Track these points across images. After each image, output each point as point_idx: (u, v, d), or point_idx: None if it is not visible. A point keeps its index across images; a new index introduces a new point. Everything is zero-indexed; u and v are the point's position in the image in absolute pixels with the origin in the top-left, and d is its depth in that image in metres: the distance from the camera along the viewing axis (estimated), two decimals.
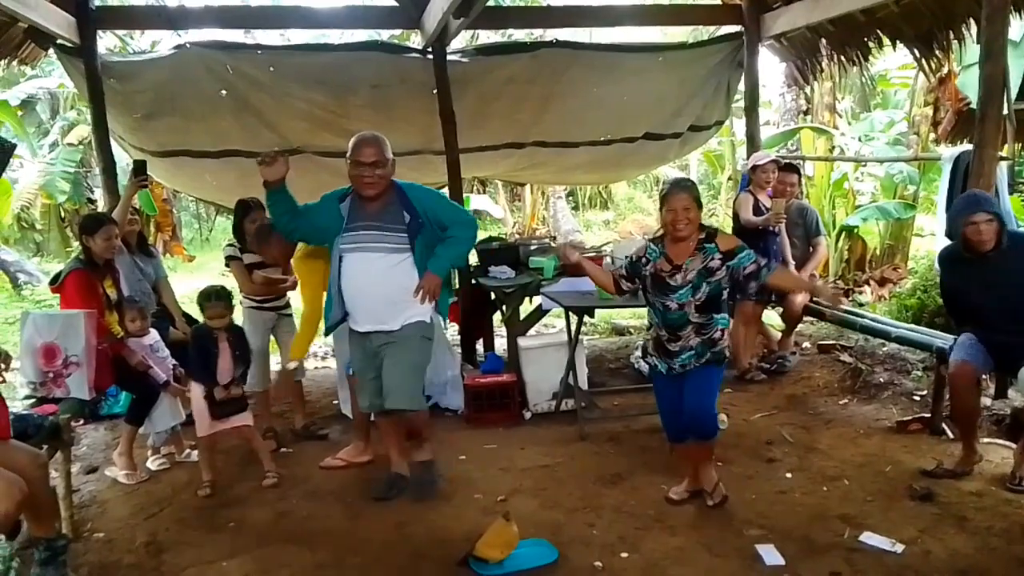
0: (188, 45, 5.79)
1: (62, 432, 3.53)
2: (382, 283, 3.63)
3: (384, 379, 3.73)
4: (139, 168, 4.81)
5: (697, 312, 3.37)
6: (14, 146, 4.85)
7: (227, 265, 4.72)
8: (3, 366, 2.93)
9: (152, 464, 4.40)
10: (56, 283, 4.20)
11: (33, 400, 3.85)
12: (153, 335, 4.34)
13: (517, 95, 6.31)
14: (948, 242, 5.30)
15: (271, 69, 5.84)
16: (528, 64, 6.17)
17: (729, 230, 5.32)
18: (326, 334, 4.15)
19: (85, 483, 4.21)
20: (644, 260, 3.50)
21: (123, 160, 6.68)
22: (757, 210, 5.38)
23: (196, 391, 4.01)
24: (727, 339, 3.47)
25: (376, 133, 3.72)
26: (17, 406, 3.74)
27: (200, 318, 4.21)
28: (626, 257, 3.73)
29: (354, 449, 4.35)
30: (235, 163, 6.14)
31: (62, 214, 13.51)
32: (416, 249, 3.64)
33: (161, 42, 10.32)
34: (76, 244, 12.85)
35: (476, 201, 13.19)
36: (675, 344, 3.43)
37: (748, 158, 6.03)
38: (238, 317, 4.31)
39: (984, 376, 3.93)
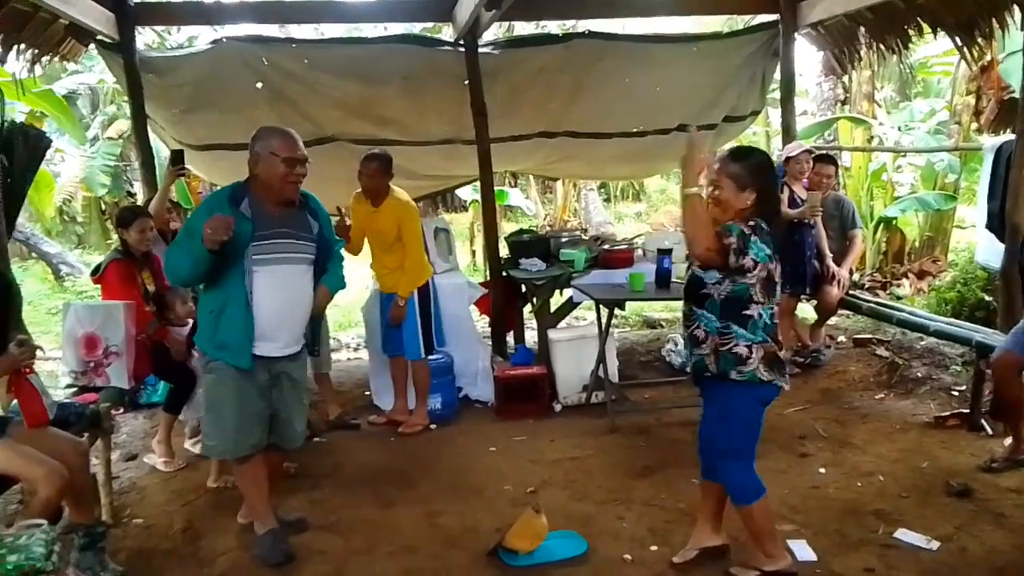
0: (224, 40, 5.86)
1: (102, 420, 3.62)
2: (302, 300, 3.22)
3: (291, 416, 3.32)
4: (176, 157, 4.89)
5: None
6: (50, 141, 4.97)
7: None
8: (32, 357, 3.00)
9: (194, 447, 4.46)
10: (97, 274, 4.34)
11: (74, 389, 3.94)
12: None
13: (548, 84, 6.28)
14: (988, 234, 5.21)
15: (305, 62, 5.89)
16: (560, 54, 6.13)
17: None
18: (230, 362, 3.15)
19: (124, 470, 4.31)
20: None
21: (162, 154, 6.79)
22: (792, 202, 5.31)
23: None
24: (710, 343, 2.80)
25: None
26: (59, 394, 3.84)
27: None
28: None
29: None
30: None
31: (102, 207, 13.78)
32: (317, 263, 3.27)
33: (199, 37, 10.48)
34: (115, 236, 13.14)
35: (513, 196, 13.11)
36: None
37: (783, 149, 5.94)
38: None
39: None
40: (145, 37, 9.44)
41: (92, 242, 13.71)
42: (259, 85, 5.87)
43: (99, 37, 5.43)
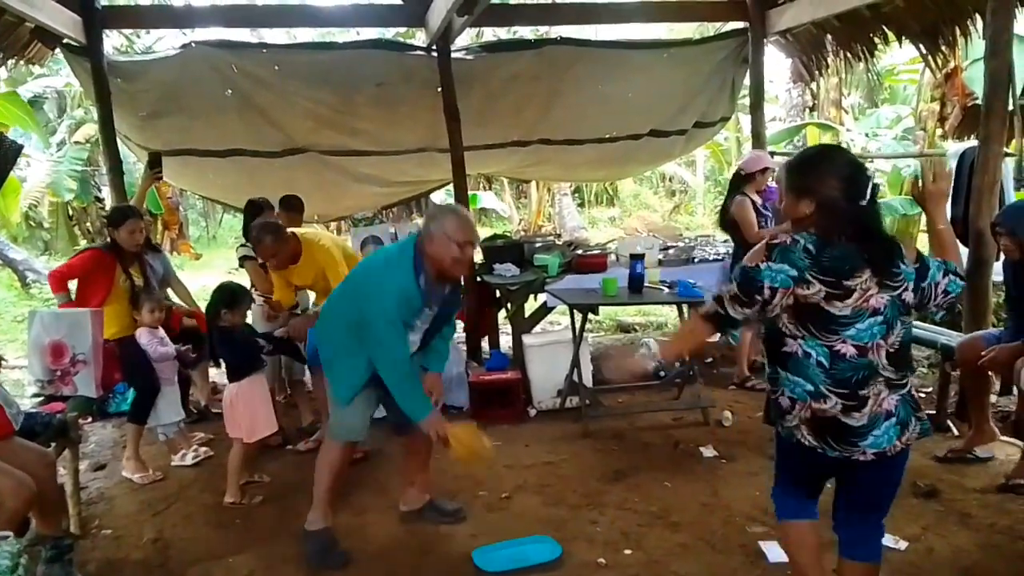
0: (193, 44, 5.82)
1: (70, 430, 3.55)
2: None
3: None
4: (154, 161, 4.84)
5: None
6: (21, 147, 4.89)
7: (241, 266, 4.74)
8: None
9: (181, 461, 4.40)
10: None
11: (41, 398, 3.88)
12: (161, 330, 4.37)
13: (522, 92, 6.31)
14: None
15: (276, 68, 5.86)
16: (533, 61, 6.17)
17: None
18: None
19: (93, 480, 4.24)
20: None
21: (130, 159, 6.71)
22: (756, 211, 5.25)
23: (250, 392, 3.89)
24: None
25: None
26: (26, 404, 3.77)
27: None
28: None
29: None
30: (240, 162, 6.18)
31: (70, 212, 13.57)
32: (435, 325, 3.27)
33: (164, 39, 10.36)
34: (84, 242, 12.93)
35: (484, 199, 13.17)
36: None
37: (743, 161, 5.79)
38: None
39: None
40: (113, 41, 9.32)
41: (59, 248, 13.50)
42: (228, 92, 5.83)
43: (66, 41, 5.37)
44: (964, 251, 4.67)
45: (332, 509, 3.39)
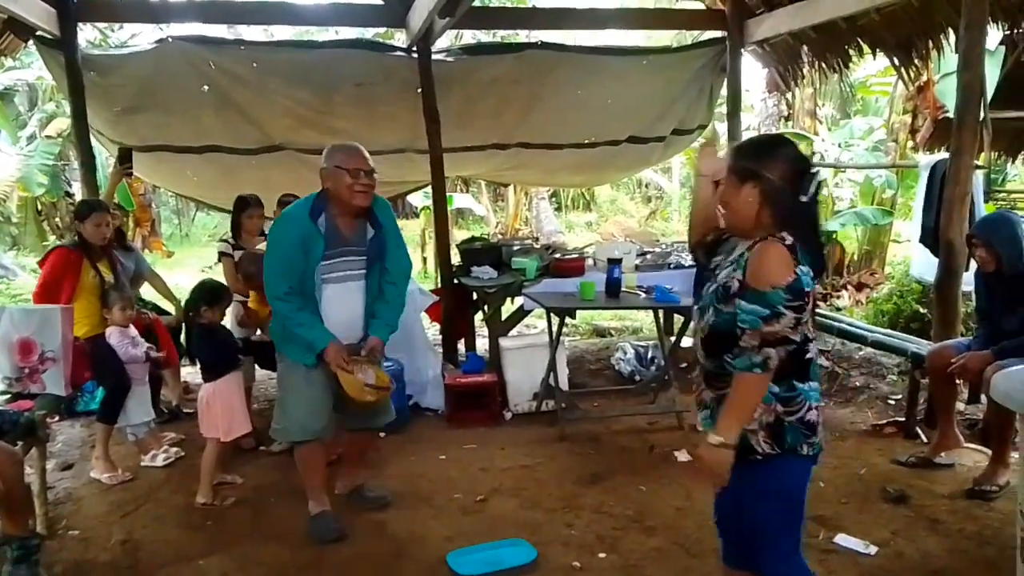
0: (170, 39, 5.74)
1: (37, 428, 3.48)
2: (356, 310, 3.41)
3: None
4: (124, 156, 4.77)
5: (703, 346, 2.14)
6: None
7: (219, 260, 4.71)
8: None
9: (152, 462, 4.33)
10: (43, 260, 4.36)
11: (8, 396, 3.80)
12: (133, 329, 4.31)
13: (502, 96, 6.32)
14: (923, 248, 5.41)
15: (254, 65, 5.81)
16: (513, 65, 6.18)
17: None
18: (296, 359, 3.44)
19: (60, 480, 4.17)
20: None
21: (102, 154, 6.61)
22: None
23: (227, 390, 3.85)
24: (759, 415, 2.04)
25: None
26: None
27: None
28: None
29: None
30: (217, 159, 6.11)
31: (39, 207, 13.33)
32: (369, 278, 3.40)
33: (140, 35, 10.24)
34: (53, 238, 12.71)
35: (459, 200, 13.17)
36: (698, 387, 2.23)
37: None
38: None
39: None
40: (86, 34, 9.19)
41: (28, 243, 13.24)
42: (205, 88, 5.77)
43: (39, 33, 5.28)
44: (935, 261, 4.78)
45: (326, 495, 3.58)
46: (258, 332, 4.44)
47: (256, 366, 4.67)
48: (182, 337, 4.76)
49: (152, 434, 4.41)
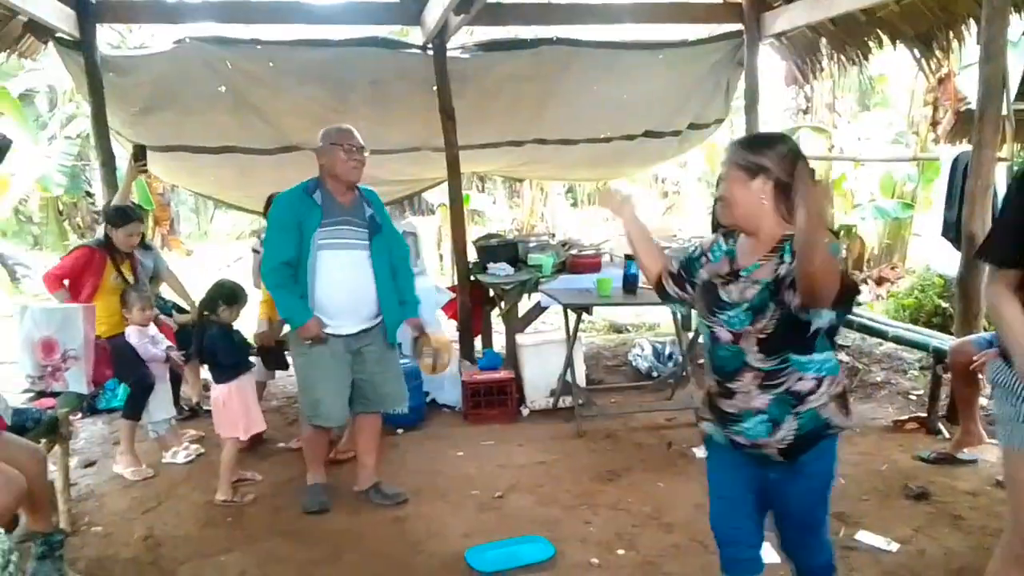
0: (187, 39, 5.77)
1: (60, 426, 3.53)
2: (364, 280, 3.58)
3: (376, 382, 3.72)
4: (139, 153, 4.81)
5: (760, 350, 2.05)
6: (10, 142, 4.86)
7: (256, 253, 4.78)
8: None
9: (173, 458, 4.37)
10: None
11: (32, 394, 3.85)
12: (153, 326, 4.34)
13: (517, 92, 6.30)
14: (944, 242, 5.35)
15: (270, 64, 5.83)
16: (529, 61, 6.16)
17: None
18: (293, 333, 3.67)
19: (83, 477, 4.22)
20: (704, 258, 2.24)
21: (121, 154, 6.67)
22: None
23: (244, 390, 3.88)
24: (829, 389, 2.09)
25: None
26: (16, 400, 3.74)
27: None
28: (690, 247, 2.54)
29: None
30: (233, 159, 6.15)
31: (60, 207, 13.49)
32: (373, 247, 3.59)
33: (157, 35, 10.30)
34: (74, 237, 12.85)
35: (476, 201, 13.15)
36: (729, 401, 2.13)
37: None
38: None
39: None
40: (105, 36, 9.25)
41: (49, 243, 13.42)
42: (222, 89, 5.80)
43: (58, 35, 5.33)
44: (957, 255, 4.73)
45: (321, 470, 3.86)
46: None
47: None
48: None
49: (173, 431, 4.45)
